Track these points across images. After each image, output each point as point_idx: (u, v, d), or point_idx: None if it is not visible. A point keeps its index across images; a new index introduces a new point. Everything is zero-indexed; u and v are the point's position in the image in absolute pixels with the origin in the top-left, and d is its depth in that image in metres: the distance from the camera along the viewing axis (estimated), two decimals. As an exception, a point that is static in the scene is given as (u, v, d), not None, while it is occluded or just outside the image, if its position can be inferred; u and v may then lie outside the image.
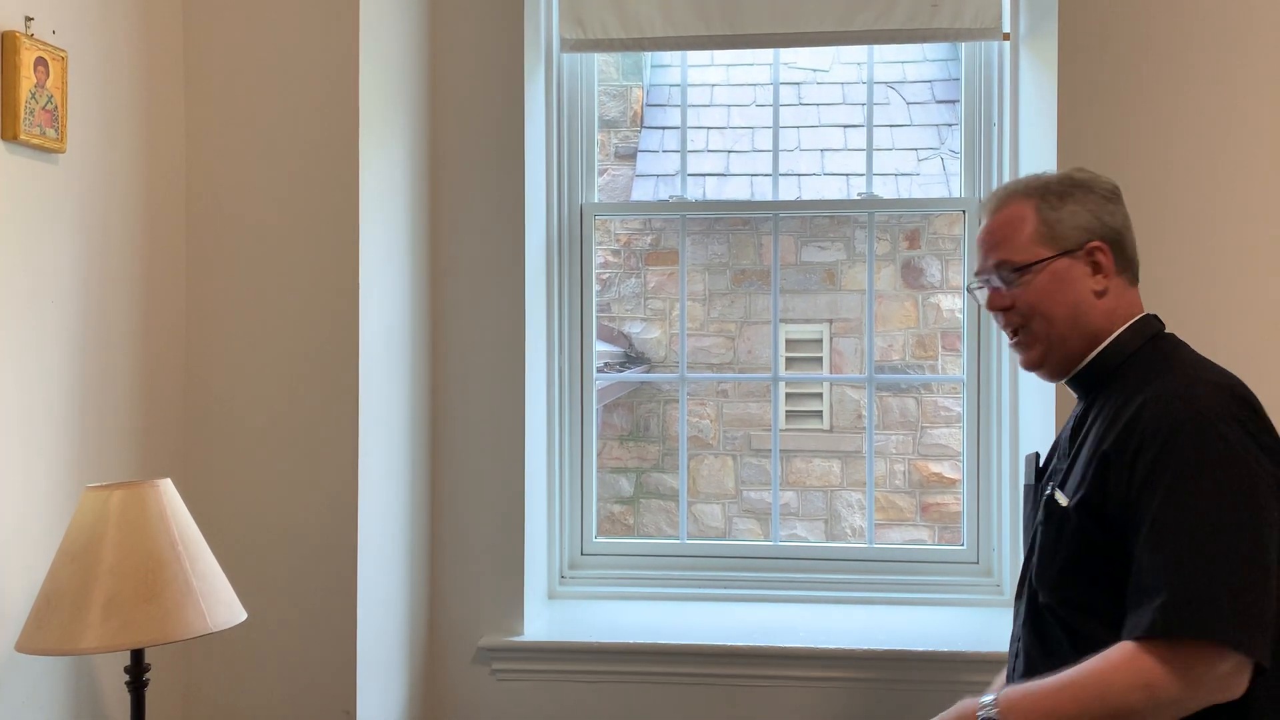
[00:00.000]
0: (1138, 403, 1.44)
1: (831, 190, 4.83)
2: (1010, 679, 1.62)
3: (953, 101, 5.68)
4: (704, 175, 5.19)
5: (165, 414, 2.03)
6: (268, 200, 2.09)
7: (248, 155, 2.09)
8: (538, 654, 2.45)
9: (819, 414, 5.67)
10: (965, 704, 1.45)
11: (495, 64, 2.45)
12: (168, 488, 1.58)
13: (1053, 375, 1.63)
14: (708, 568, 2.74)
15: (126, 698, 1.83)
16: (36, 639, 1.46)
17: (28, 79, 1.57)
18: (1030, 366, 1.62)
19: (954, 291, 5.31)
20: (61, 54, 1.66)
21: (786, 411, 5.56)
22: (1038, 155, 2.43)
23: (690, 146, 5.37)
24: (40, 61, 1.60)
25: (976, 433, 2.65)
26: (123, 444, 1.90)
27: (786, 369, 5.49)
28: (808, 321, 5.56)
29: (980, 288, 1.65)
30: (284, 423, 2.08)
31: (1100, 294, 1.54)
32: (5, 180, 1.61)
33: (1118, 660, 1.34)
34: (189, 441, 2.09)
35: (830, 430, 5.54)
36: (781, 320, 5.50)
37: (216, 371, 2.09)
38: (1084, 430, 1.56)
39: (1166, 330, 1.58)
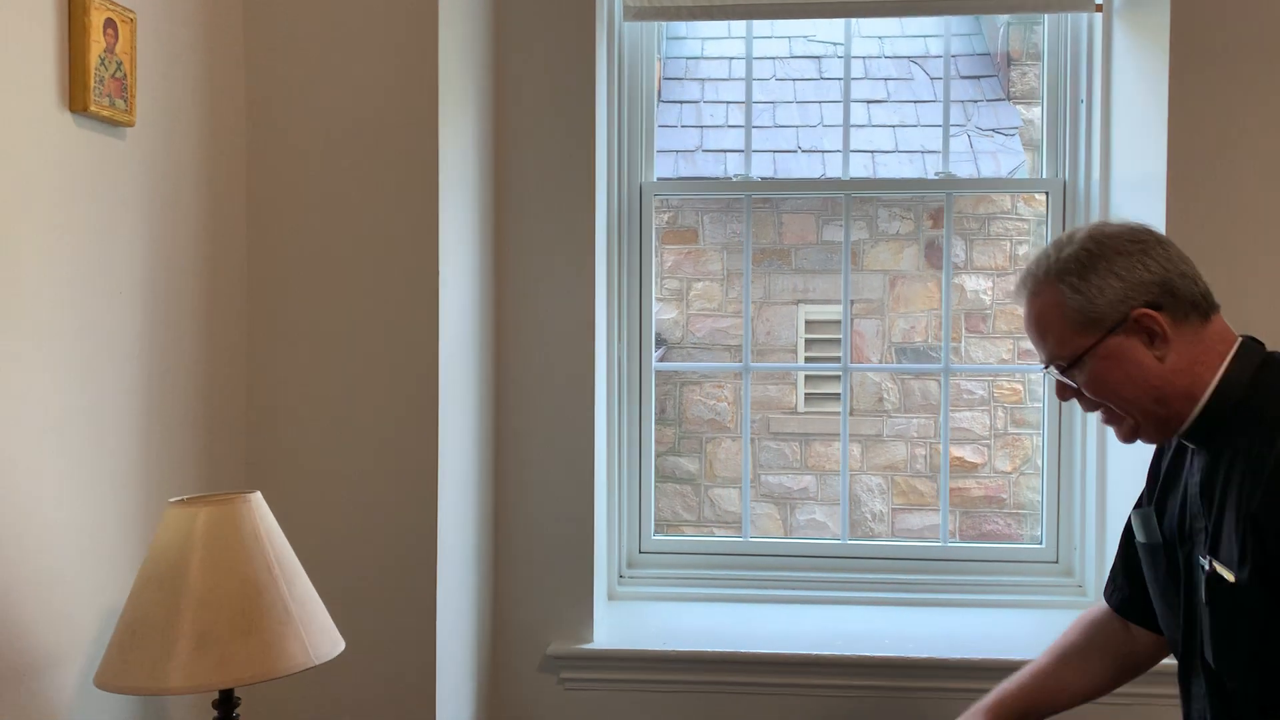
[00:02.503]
0: (1278, 449, 1.30)
1: (857, 167, 4.69)
2: None
3: (977, 77, 5.56)
4: (724, 151, 5.04)
5: (230, 416, 1.86)
6: (336, 178, 1.92)
7: (314, 129, 1.92)
8: (608, 662, 2.31)
9: (838, 396, 5.56)
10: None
11: (565, 33, 2.28)
12: (259, 502, 1.42)
13: (1158, 440, 1.49)
14: (771, 567, 2.61)
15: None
16: (121, 676, 1.30)
17: (97, 43, 1.39)
18: (1127, 440, 1.47)
19: (978, 273, 5.20)
20: (130, 15, 1.47)
21: (806, 394, 5.44)
22: (1138, 136, 2.29)
23: (709, 121, 5.20)
24: (109, 23, 1.41)
25: (1059, 426, 2.52)
26: (189, 450, 1.73)
27: (806, 350, 5.37)
28: (827, 302, 5.43)
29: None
30: (358, 421, 1.91)
31: (1164, 359, 1.39)
32: (73, 157, 1.43)
33: None
34: (254, 447, 1.92)
35: (850, 413, 5.43)
36: (800, 301, 5.36)
37: (282, 374, 1.92)
38: (1218, 485, 1.41)
39: (1269, 350, 1.43)
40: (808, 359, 5.45)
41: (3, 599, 1.31)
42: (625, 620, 2.46)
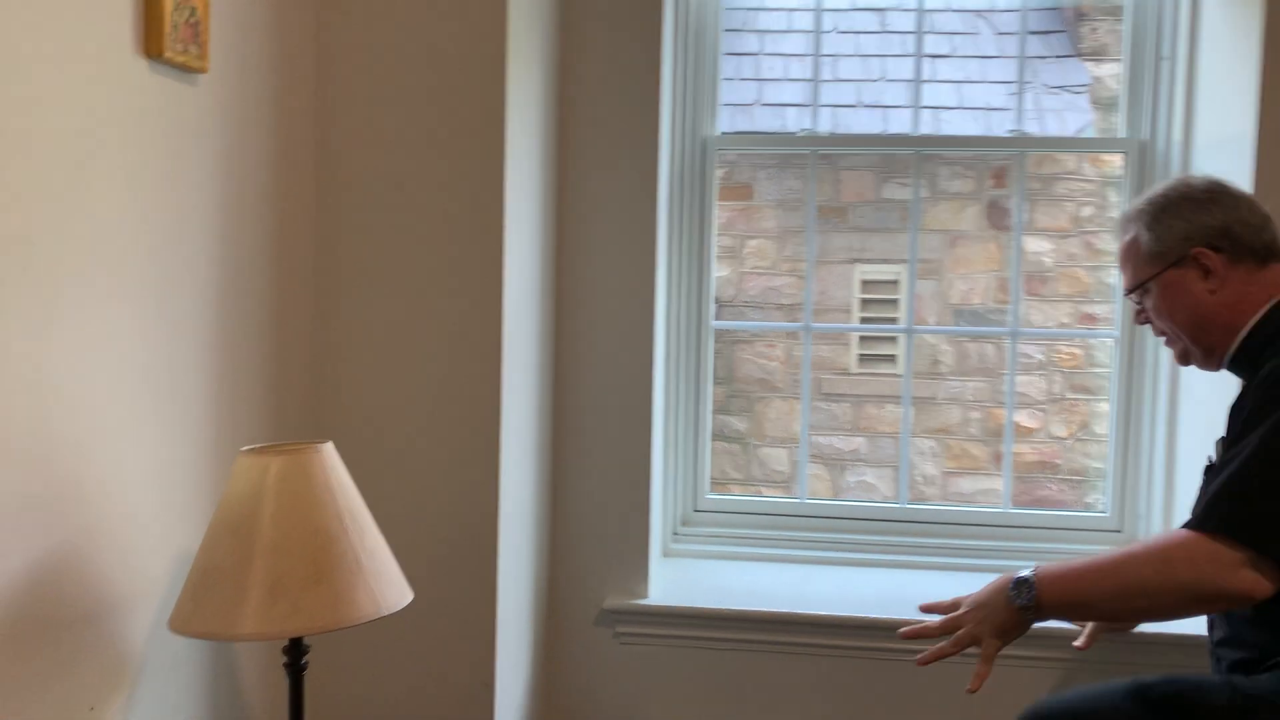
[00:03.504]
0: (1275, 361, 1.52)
1: (920, 123, 4.56)
2: (1210, 642, 1.71)
3: (1045, 33, 5.39)
4: (783, 106, 4.94)
5: (298, 367, 1.86)
6: (404, 131, 1.90)
7: (383, 79, 1.90)
8: (662, 618, 2.32)
9: (893, 358, 5.47)
10: (1000, 577, 1.61)
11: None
12: (330, 453, 1.42)
13: (1205, 367, 1.73)
14: (827, 529, 2.59)
15: (274, 677, 1.71)
16: (193, 620, 1.31)
17: (172, -11, 1.38)
18: (1181, 363, 1.77)
19: (1039, 234, 5.06)
20: (203, -39, 1.46)
21: (859, 355, 5.36)
22: (1226, 94, 2.21)
23: (768, 74, 5.10)
24: (183, -31, 1.40)
25: (1128, 391, 2.47)
26: (259, 400, 1.74)
27: (861, 311, 5.30)
28: (884, 262, 5.32)
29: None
30: (422, 375, 1.91)
31: (1215, 292, 1.63)
32: (147, 103, 1.43)
33: (1149, 541, 1.51)
34: (321, 399, 1.93)
35: (902, 376, 5.37)
36: (856, 260, 5.27)
37: (348, 327, 1.92)
38: (1243, 403, 1.60)
39: None
40: (862, 320, 5.39)
41: (82, 543, 1.33)
42: (679, 577, 2.46)
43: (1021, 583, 1.56)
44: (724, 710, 2.32)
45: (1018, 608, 1.55)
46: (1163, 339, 1.76)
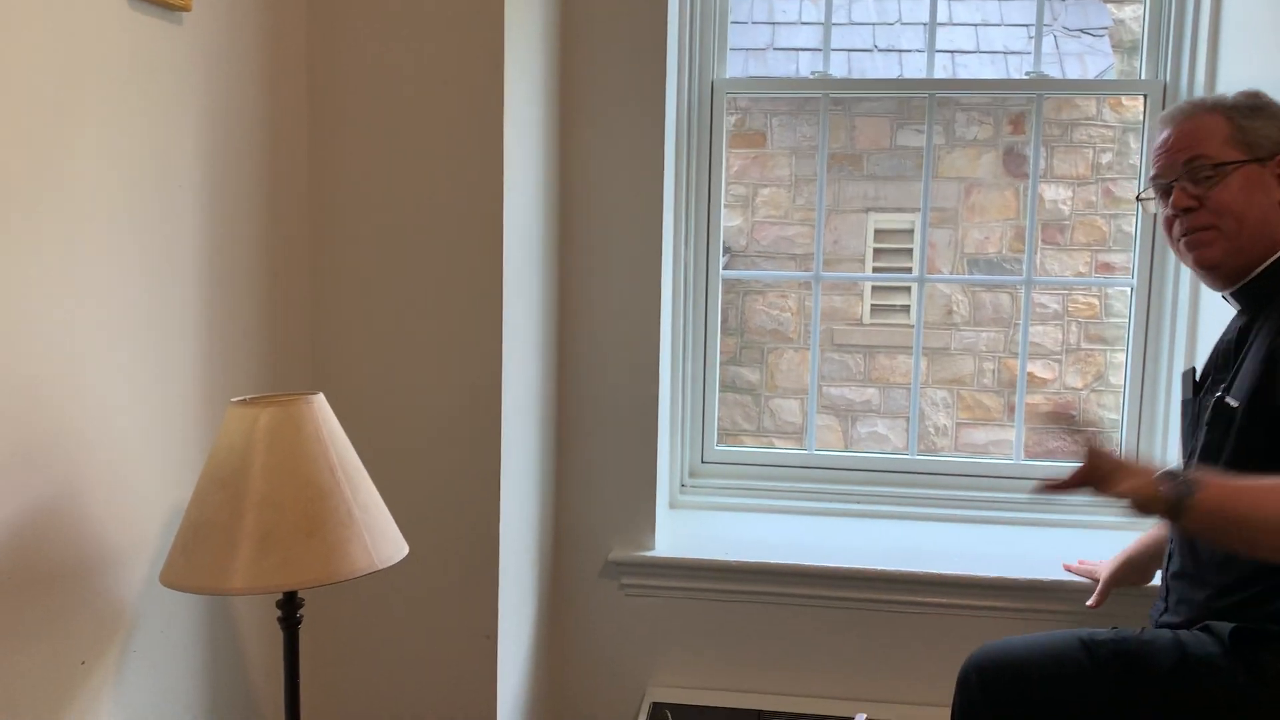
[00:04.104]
0: None
1: (937, 68, 4.48)
2: (1164, 574, 1.76)
3: (1066, -27, 5.25)
4: (796, 50, 4.84)
5: (293, 316, 1.83)
6: (398, 71, 1.84)
7: (376, 18, 1.84)
8: (668, 570, 2.30)
9: (905, 308, 5.42)
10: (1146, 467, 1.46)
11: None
12: (321, 404, 1.39)
13: (1225, 279, 1.68)
14: (836, 480, 2.56)
15: (269, 631, 1.70)
16: (185, 575, 1.29)
17: (150, -79, 1.32)
18: (1207, 264, 1.67)
19: (1058, 181, 4.97)
20: (184, -107, 1.41)
21: (871, 305, 5.31)
22: (1252, 35, 2.13)
23: (781, 18, 4.99)
24: (163, -99, 1.35)
25: (1144, 341, 2.41)
26: (252, 350, 1.71)
27: (874, 261, 5.22)
28: (898, 210, 5.25)
29: (1150, 197, 1.78)
30: (420, 323, 1.87)
31: None
32: (129, 43, 1.38)
33: None
34: (318, 348, 1.90)
35: (915, 326, 5.30)
36: (870, 209, 5.20)
37: (344, 274, 1.88)
38: (1250, 338, 1.62)
39: None
40: (876, 269, 5.31)
41: (70, 497, 1.31)
42: (686, 529, 2.44)
43: (1177, 477, 1.41)
44: (730, 662, 2.31)
45: (1170, 498, 1.39)
46: (1184, 240, 1.70)
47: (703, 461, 2.58)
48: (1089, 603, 2.07)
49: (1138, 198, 2.26)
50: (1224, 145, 1.64)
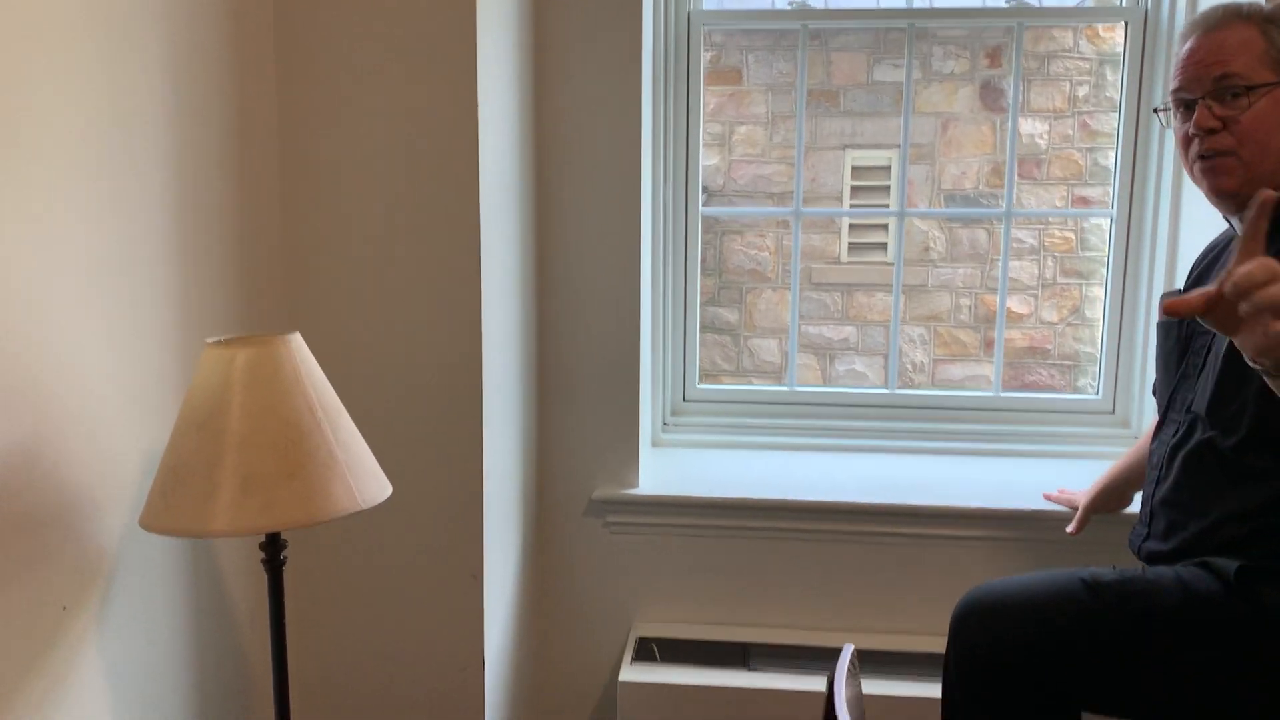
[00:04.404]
0: None
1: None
2: (1148, 498, 1.73)
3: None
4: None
5: (266, 254, 1.79)
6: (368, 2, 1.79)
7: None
8: (652, 507, 2.31)
9: (883, 246, 5.41)
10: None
11: None
12: (298, 344, 1.36)
13: (1237, 207, 1.58)
14: (817, 415, 2.56)
15: (253, 574, 1.69)
16: (164, 517, 1.28)
17: None
18: (1223, 192, 1.58)
19: (1034, 115, 4.94)
20: None
21: (849, 244, 5.30)
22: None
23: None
24: None
25: (1123, 274, 2.41)
26: (226, 290, 1.68)
27: (852, 198, 5.20)
28: (875, 147, 5.22)
29: (1166, 110, 1.66)
30: (397, 260, 1.84)
31: None
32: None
33: None
34: (293, 287, 1.86)
35: (893, 264, 5.30)
36: (848, 146, 5.16)
37: (316, 210, 1.84)
38: None
39: None
40: (853, 207, 5.29)
41: (45, 442, 1.28)
42: (669, 467, 2.44)
43: None
44: (715, 597, 2.33)
45: None
46: (1200, 163, 1.59)
47: (684, 400, 2.58)
48: (1069, 529, 2.10)
49: (1155, 110, 2.23)
50: (1258, 64, 1.53)
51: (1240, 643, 1.50)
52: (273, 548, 1.39)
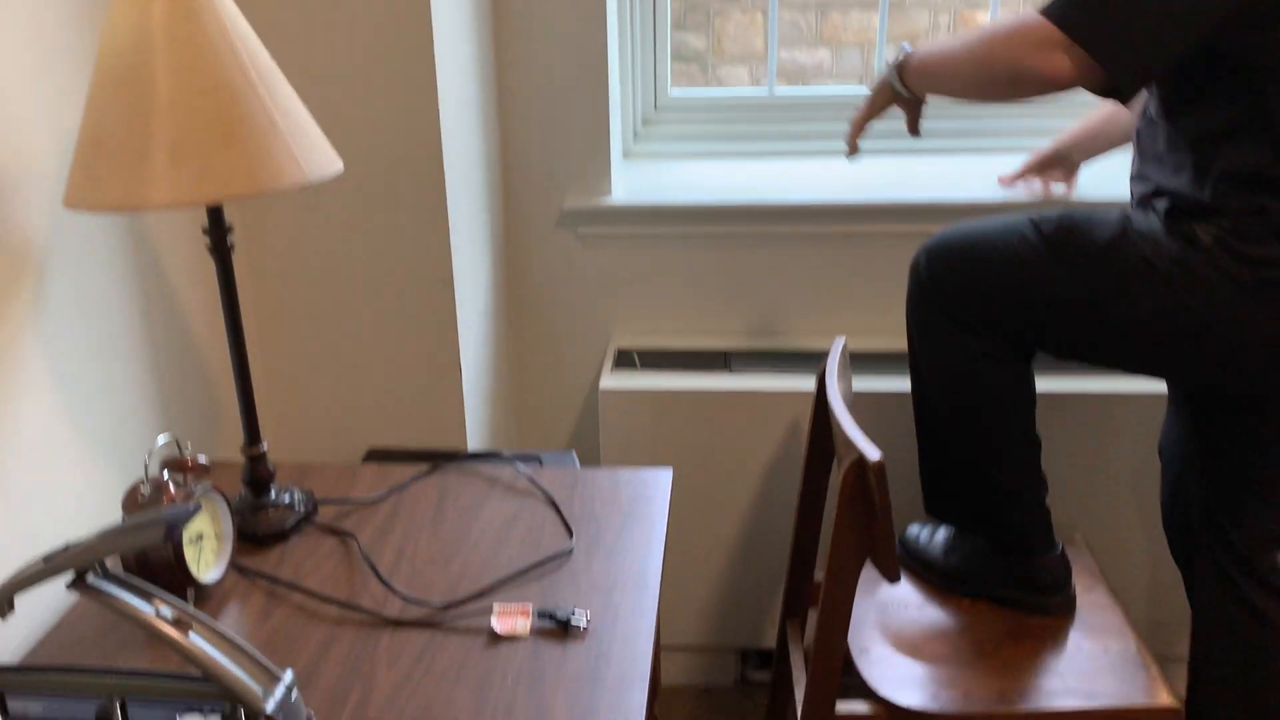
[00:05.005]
0: None
1: None
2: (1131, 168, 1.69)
3: None
4: None
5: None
6: None
7: None
8: (625, 215, 2.20)
9: (859, -40, 5.05)
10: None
11: None
12: (222, -4, 1.19)
13: None
14: (797, 119, 2.43)
15: (192, 262, 1.57)
16: (91, 194, 1.15)
17: None
18: None
19: None
20: None
21: (824, -42, 4.95)
22: None
23: None
24: None
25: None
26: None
27: (826, -94, 4.81)
28: None
29: None
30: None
31: None
32: None
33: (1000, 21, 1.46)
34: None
35: (870, -23, 4.98)
36: None
37: None
38: None
39: None
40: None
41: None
42: (643, 176, 2.32)
43: (900, 53, 1.64)
44: (694, 307, 2.27)
45: (887, 80, 1.66)
46: None
47: (656, 108, 2.42)
48: (999, 177, 2.12)
49: None
50: None
51: (1176, 270, 1.50)
52: (217, 230, 1.27)
